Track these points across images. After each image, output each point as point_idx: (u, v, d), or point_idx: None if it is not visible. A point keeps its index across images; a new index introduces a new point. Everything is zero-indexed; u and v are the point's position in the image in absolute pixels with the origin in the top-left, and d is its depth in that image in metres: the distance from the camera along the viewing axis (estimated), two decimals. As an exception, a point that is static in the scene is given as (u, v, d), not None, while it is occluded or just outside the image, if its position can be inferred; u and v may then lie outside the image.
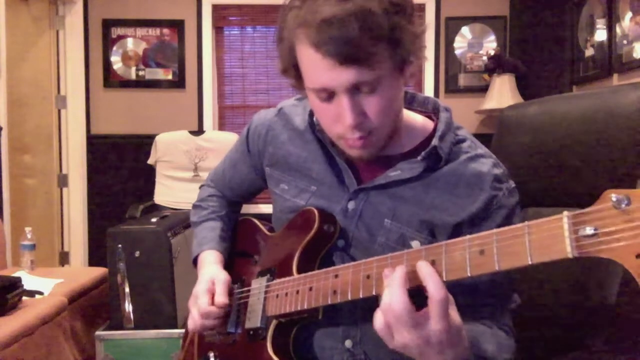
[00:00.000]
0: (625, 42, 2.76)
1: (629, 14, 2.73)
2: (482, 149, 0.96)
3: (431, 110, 1.01)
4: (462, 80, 3.98)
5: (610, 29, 2.87)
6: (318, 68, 0.81)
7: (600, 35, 2.99)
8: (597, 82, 3.04)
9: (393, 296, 0.69)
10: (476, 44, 3.97)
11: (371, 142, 0.87)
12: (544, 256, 0.61)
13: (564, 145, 1.16)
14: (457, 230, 0.90)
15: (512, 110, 1.35)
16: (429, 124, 0.98)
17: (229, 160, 1.20)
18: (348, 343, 0.94)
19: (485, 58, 3.83)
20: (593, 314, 1.07)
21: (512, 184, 0.94)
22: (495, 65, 3.67)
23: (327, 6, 0.77)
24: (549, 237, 0.60)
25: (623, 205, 0.55)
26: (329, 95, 0.84)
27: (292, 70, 0.88)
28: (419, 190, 0.92)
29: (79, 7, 3.84)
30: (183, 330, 1.26)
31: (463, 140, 0.96)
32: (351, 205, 0.95)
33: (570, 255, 0.59)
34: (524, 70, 3.68)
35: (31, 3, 3.61)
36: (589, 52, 3.14)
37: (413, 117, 0.99)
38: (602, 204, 0.57)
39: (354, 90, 0.82)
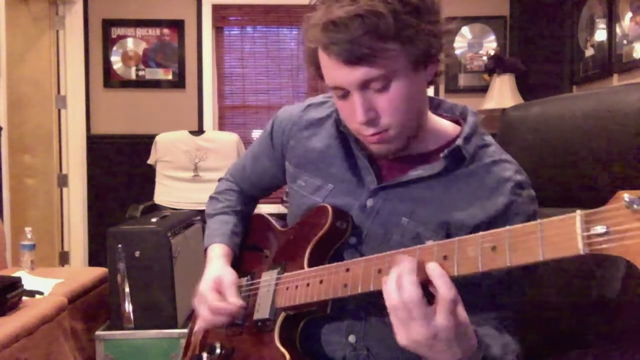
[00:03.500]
0: (625, 42, 2.76)
1: (629, 14, 2.73)
2: (506, 155, 0.96)
3: (458, 116, 1.01)
4: (462, 80, 3.98)
5: (610, 29, 2.88)
6: (328, 67, 0.86)
7: (600, 35, 3.00)
8: (597, 82, 3.04)
9: (406, 288, 0.70)
10: (476, 44, 3.97)
11: (388, 137, 0.88)
12: (556, 253, 0.62)
13: (566, 146, 1.16)
14: (474, 232, 0.90)
15: (515, 110, 1.35)
16: (456, 128, 0.98)
17: (251, 154, 1.21)
18: (352, 338, 0.95)
19: (485, 58, 3.83)
20: (594, 311, 1.07)
21: (532, 192, 0.94)
22: (495, 65, 3.67)
23: (336, 8, 0.80)
24: (561, 235, 0.62)
25: (635, 206, 0.57)
26: (344, 92, 0.87)
27: (314, 69, 0.92)
28: (439, 190, 0.92)
29: (79, 7, 3.84)
30: (183, 331, 1.26)
31: (488, 145, 0.96)
32: (370, 202, 0.96)
33: (581, 252, 0.60)
34: (524, 70, 3.68)
35: (31, 3, 3.61)
36: (589, 52, 3.14)
37: (440, 121, 0.99)
38: (614, 204, 0.59)
39: (365, 87, 0.84)
